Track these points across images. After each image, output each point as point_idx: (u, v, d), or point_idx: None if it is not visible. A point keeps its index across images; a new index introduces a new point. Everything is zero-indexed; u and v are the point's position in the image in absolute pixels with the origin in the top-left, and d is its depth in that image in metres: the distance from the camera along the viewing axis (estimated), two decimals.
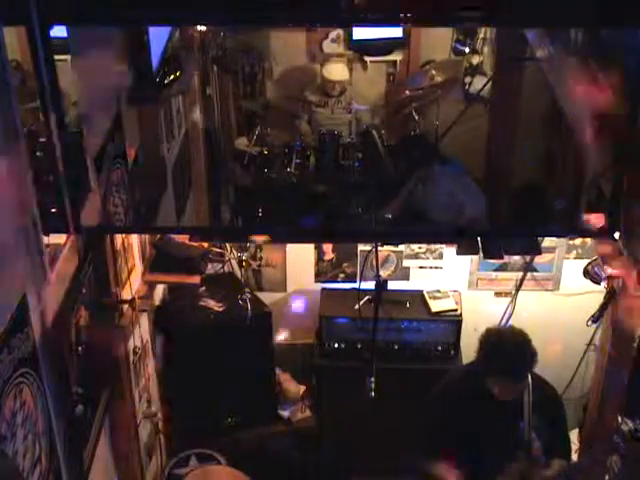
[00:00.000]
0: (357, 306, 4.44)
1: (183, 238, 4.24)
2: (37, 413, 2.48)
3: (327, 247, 5.18)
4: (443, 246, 5.06)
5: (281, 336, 5.36)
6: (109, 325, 3.39)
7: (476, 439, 3.47)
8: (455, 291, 5.12)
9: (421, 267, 5.22)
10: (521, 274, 5.15)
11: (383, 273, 4.93)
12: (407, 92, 5.93)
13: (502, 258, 4.22)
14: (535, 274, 5.16)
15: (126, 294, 3.63)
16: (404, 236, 4.31)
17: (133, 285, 3.76)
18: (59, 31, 2.57)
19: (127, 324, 3.62)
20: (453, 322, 4.93)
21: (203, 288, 4.74)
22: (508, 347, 3.39)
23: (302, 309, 5.38)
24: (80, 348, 2.92)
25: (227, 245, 5.05)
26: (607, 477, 3.59)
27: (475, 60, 6.04)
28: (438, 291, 5.10)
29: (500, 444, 3.45)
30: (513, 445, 3.47)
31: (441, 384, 3.76)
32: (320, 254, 5.23)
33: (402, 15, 2.54)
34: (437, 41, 6.17)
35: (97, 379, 3.21)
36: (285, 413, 5.09)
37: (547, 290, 5.20)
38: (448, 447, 3.52)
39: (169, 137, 4.48)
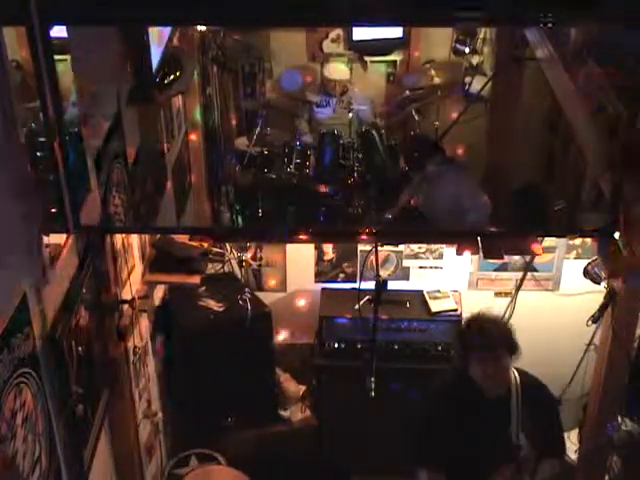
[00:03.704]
0: (357, 306, 4.43)
1: (183, 238, 4.24)
2: (37, 413, 2.48)
3: (327, 247, 5.18)
4: (443, 246, 5.06)
5: (281, 336, 5.36)
6: (109, 325, 3.39)
7: (464, 443, 3.45)
8: (455, 291, 5.12)
9: (421, 267, 5.22)
10: (521, 274, 5.16)
11: (383, 273, 4.93)
12: (407, 92, 5.93)
13: (502, 258, 4.22)
14: (535, 274, 5.16)
15: (126, 294, 3.63)
16: (404, 236, 4.32)
17: (133, 285, 3.76)
18: (59, 31, 2.57)
19: (127, 324, 3.62)
20: (453, 322, 4.93)
21: (203, 288, 4.74)
22: (481, 320, 3.48)
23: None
24: (80, 348, 2.92)
25: (227, 245, 5.05)
26: (607, 477, 3.59)
27: (475, 60, 6.04)
28: (438, 291, 5.09)
29: (488, 448, 3.44)
30: (501, 449, 3.46)
31: (429, 389, 3.74)
32: (320, 254, 5.23)
33: (402, 15, 2.54)
34: (437, 41, 6.17)
35: (97, 379, 3.21)
36: (285, 413, 5.09)
37: (547, 290, 5.20)
38: (438, 452, 3.50)
39: (169, 137, 4.48)
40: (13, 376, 2.29)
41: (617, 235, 2.95)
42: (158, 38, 3.77)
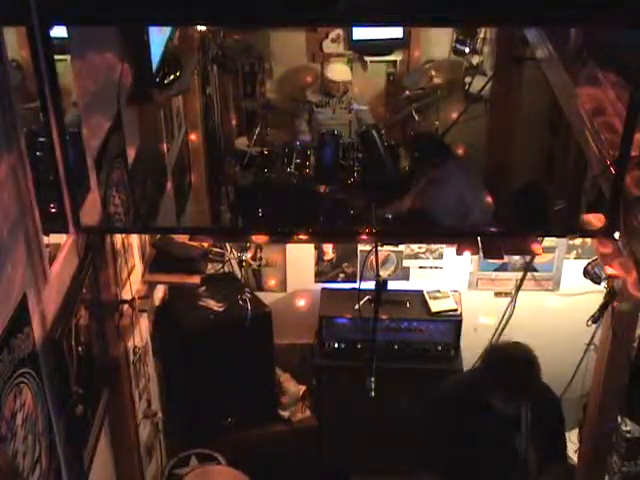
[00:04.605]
0: (357, 306, 4.43)
1: (183, 238, 4.24)
2: (37, 413, 2.48)
3: (327, 247, 5.18)
4: (443, 246, 5.06)
5: (281, 336, 5.35)
6: (109, 325, 3.39)
7: (471, 452, 3.43)
8: (455, 291, 5.12)
9: (421, 267, 5.22)
10: (521, 274, 5.16)
11: (383, 273, 4.93)
12: (407, 92, 5.94)
13: (502, 258, 4.22)
14: (535, 274, 5.16)
15: (126, 294, 3.63)
16: (404, 236, 4.31)
17: (133, 285, 3.76)
18: (59, 31, 2.57)
19: (127, 324, 3.62)
20: (453, 322, 4.93)
21: (203, 288, 4.74)
22: (518, 368, 3.34)
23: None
24: (80, 348, 2.92)
25: (227, 245, 5.05)
26: (607, 477, 3.59)
27: (475, 60, 6.04)
28: (438, 291, 5.09)
29: (496, 458, 3.42)
30: (509, 460, 3.45)
31: (437, 395, 3.71)
32: (320, 254, 5.23)
33: (402, 15, 2.54)
34: (437, 41, 6.17)
35: (97, 379, 3.21)
36: (285, 413, 5.09)
37: (547, 290, 5.20)
38: (442, 458, 3.49)
39: (169, 137, 4.48)
40: (13, 376, 2.29)
41: (617, 235, 2.94)
42: (158, 37, 3.77)
